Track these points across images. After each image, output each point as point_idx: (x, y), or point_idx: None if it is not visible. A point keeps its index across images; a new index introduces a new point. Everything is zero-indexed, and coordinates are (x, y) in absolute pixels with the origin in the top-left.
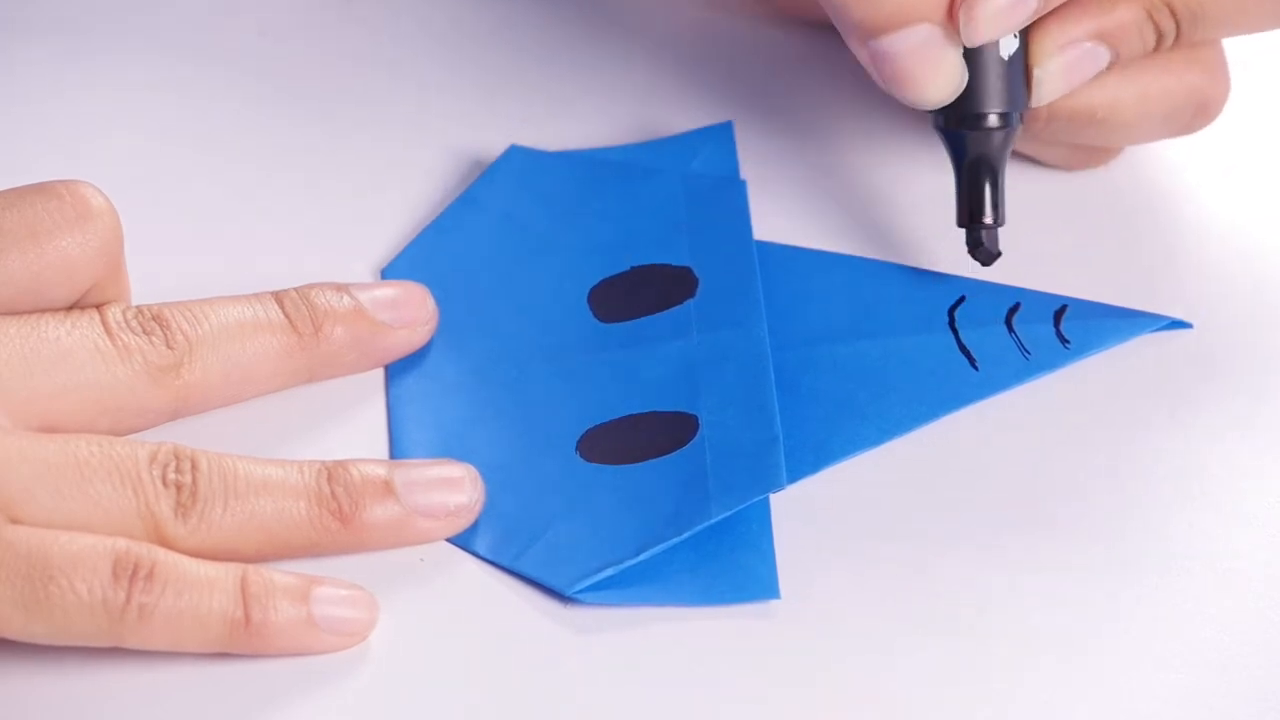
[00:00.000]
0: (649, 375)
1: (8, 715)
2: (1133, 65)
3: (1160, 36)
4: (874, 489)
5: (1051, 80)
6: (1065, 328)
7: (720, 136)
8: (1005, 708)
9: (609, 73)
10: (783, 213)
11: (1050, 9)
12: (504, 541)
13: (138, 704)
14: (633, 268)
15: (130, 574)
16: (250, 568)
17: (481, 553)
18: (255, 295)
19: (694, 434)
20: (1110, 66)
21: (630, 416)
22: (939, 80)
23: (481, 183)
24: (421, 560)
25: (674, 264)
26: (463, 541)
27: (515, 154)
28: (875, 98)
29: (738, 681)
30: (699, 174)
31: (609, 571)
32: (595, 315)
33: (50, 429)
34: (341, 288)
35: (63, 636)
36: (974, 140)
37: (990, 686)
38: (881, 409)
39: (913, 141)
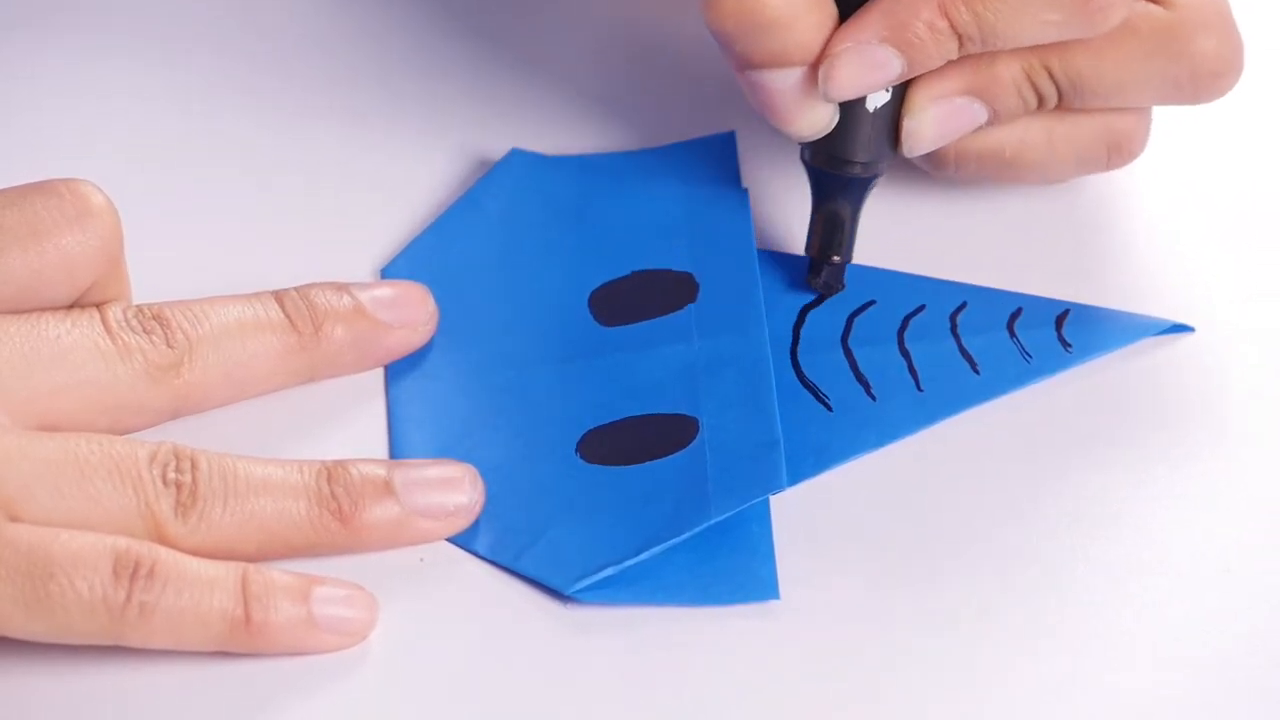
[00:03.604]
0: (649, 378)
1: (8, 715)
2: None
3: (1041, 99)
4: (874, 491)
5: (922, 130)
6: (1067, 332)
7: (723, 146)
8: (1005, 707)
9: (612, 79)
10: (784, 222)
11: (917, 75)
12: (504, 541)
13: (138, 703)
14: (634, 272)
15: (131, 572)
16: (251, 567)
17: (482, 552)
18: (255, 294)
19: (694, 436)
20: (991, 121)
21: (631, 418)
22: (806, 118)
23: (483, 185)
24: (421, 560)
25: (675, 269)
26: (463, 541)
27: (517, 157)
28: None
29: (737, 681)
30: (701, 182)
31: (609, 571)
32: (596, 318)
33: (50, 428)
34: (342, 287)
35: (63, 635)
36: (834, 182)
37: (990, 686)
38: (882, 412)
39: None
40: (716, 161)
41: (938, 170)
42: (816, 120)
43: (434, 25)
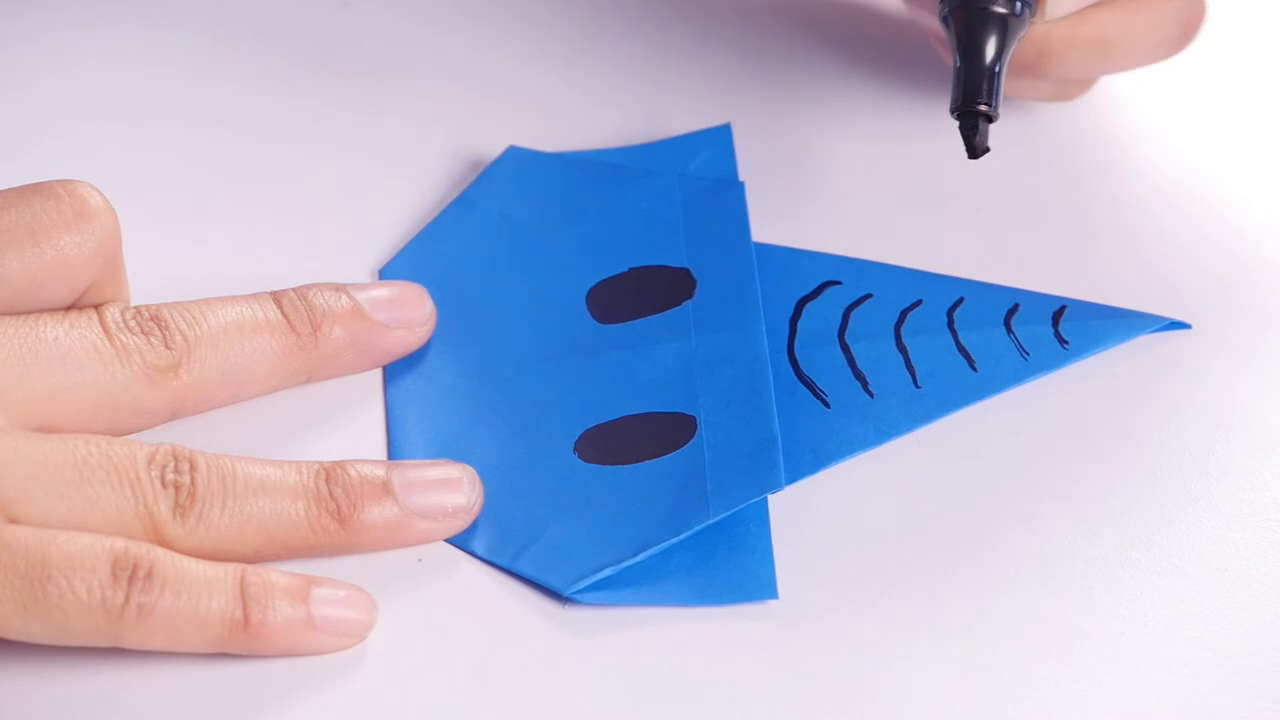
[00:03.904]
0: (647, 376)
1: (8, 715)
2: None
3: None
4: (873, 490)
5: None
6: (1064, 328)
7: (718, 139)
8: (1005, 707)
9: (607, 74)
10: (780, 215)
11: None
12: (502, 542)
13: (136, 705)
14: (631, 269)
15: (129, 574)
16: (249, 568)
17: (480, 553)
18: (253, 295)
19: (692, 435)
20: None
21: (628, 417)
22: None
23: (479, 183)
24: (420, 561)
25: (672, 265)
26: (461, 542)
27: (513, 155)
28: (874, 101)
29: (736, 682)
30: (697, 176)
31: (607, 572)
32: (593, 316)
33: (48, 429)
34: (340, 288)
35: (61, 636)
36: (978, 25)
37: (990, 686)
38: (880, 410)
39: (911, 144)
40: (713, 154)
41: (1039, 72)
42: None
43: (429, 23)
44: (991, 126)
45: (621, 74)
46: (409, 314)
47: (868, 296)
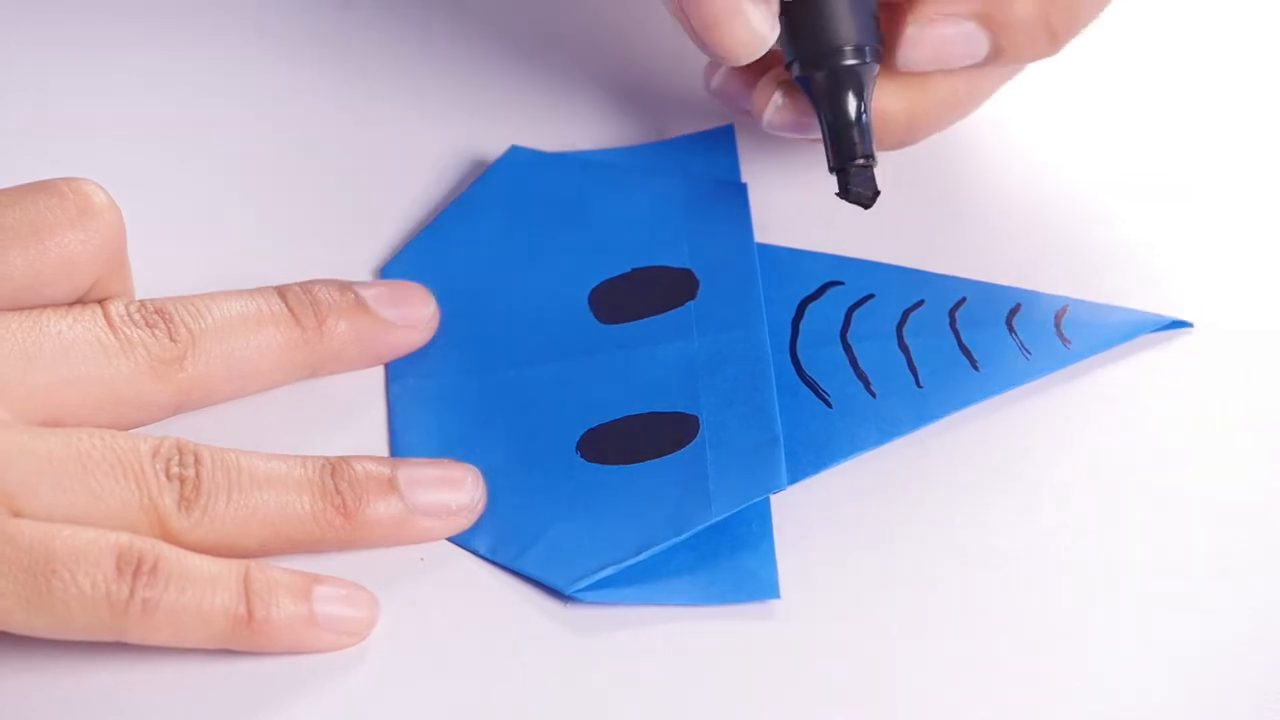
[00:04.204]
0: (649, 376)
1: (8, 712)
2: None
3: (1053, 37)
4: (875, 489)
5: (923, 39)
6: (1066, 328)
7: (721, 140)
8: (1004, 707)
9: (611, 74)
10: (783, 216)
11: None
12: (504, 541)
13: (137, 702)
14: (633, 269)
15: (134, 568)
16: (253, 564)
17: (482, 552)
18: (258, 289)
19: (695, 434)
20: (985, 61)
21: (630, 417)
22: (744, 27)
23: (482, 183)
24: (422, 559)
25: (675, 266)
26: (463, 541)
27: (516, 154)
28: None
29: (738, 681)
30: (700, 177)
31: (609, 571)
32: (596, 316)
33: (53, 423)
34: (344, 284)
35: (65, 631)
36: (833, 82)
37: (989, 686)
38: (882, 410)
39: (913, 147)
40: (715, 155)
41: (917, 138)
42: (755, 31)
43: (431, 23)
44: (991, 126)
45: (625, 74)
46: (413, 311)
47: (870, 297)
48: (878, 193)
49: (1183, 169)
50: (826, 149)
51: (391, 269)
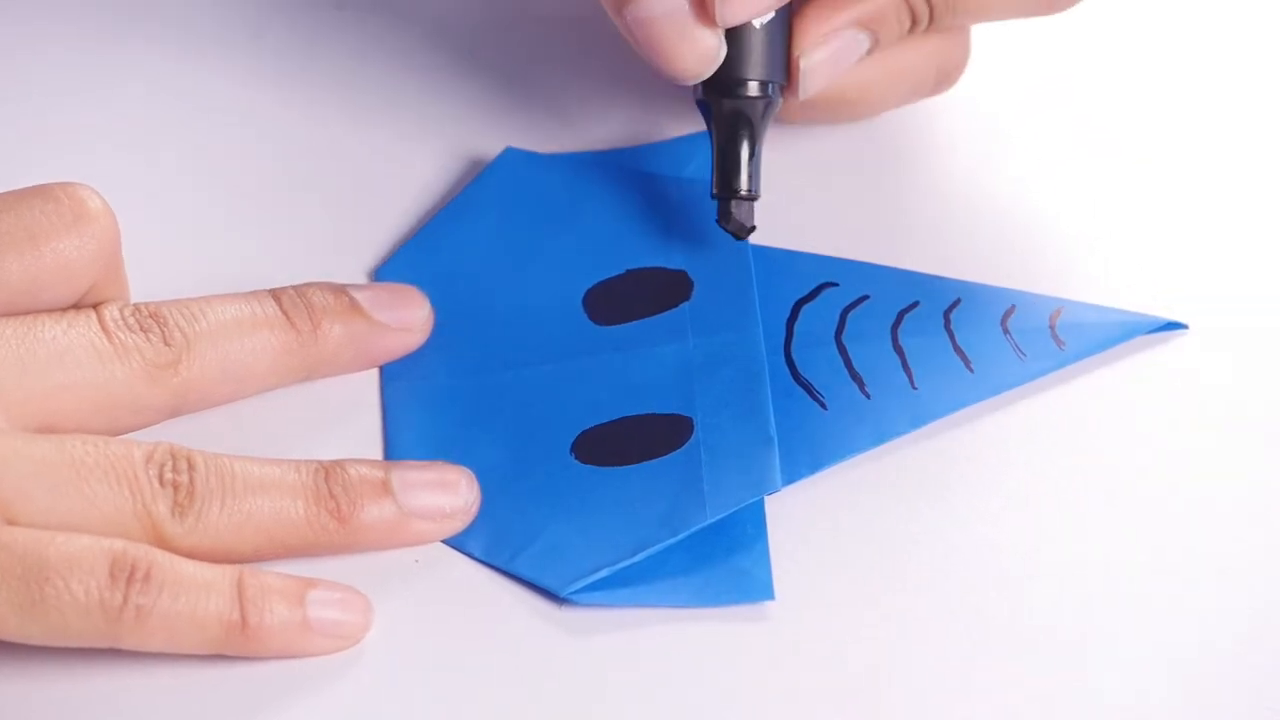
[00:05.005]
0: (644, 377)
1: (8, 715)
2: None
3: (915, 21)
4: (869, 491)
5: (817, 71)
6: (1060, 329)
7: None
8: (1002, 708)
9: (606, 76)
10: (777, 217)
11: None
12: (499, 543)
13: (134, 705)
14: (628, 271)
15: (127, 575)
16: (246, 570)
17: (477, 554)
18: (253, 293)
19: (689, 436)
20: (869, 52)
21: (625, 418)
22: (694, 51)
23: (477, 184)
24: (416, 562)
25: (669, 267)
26: (458, 543)
27: (511, 156)
28: None
29: (732, 683)
30: (694, 179)
31: (604, 573)
32: (590, 318)
33: (47, 428)
34: (338, 287)
35: (59, 638)
36: (730, 110)
37: (986, 687)
38: (876, 411)
39: (907, 147)
40: (709, 157)
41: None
42: (704, 52)
43: (427, 23)
44: (991, 125)
45: (620, 76)
46: (407, 314)
47: (864, 298)
48: (754, 227)
49: (1178, 170)
50: (713, 175)
51: (386, 271)
